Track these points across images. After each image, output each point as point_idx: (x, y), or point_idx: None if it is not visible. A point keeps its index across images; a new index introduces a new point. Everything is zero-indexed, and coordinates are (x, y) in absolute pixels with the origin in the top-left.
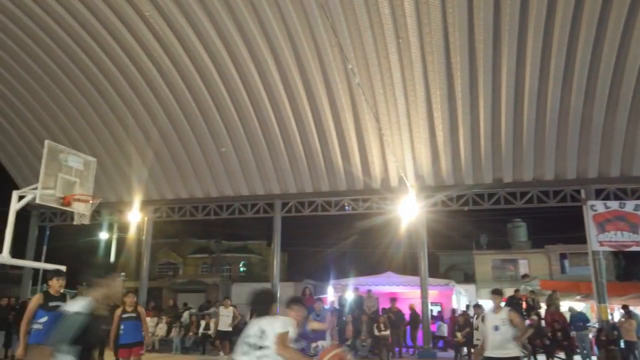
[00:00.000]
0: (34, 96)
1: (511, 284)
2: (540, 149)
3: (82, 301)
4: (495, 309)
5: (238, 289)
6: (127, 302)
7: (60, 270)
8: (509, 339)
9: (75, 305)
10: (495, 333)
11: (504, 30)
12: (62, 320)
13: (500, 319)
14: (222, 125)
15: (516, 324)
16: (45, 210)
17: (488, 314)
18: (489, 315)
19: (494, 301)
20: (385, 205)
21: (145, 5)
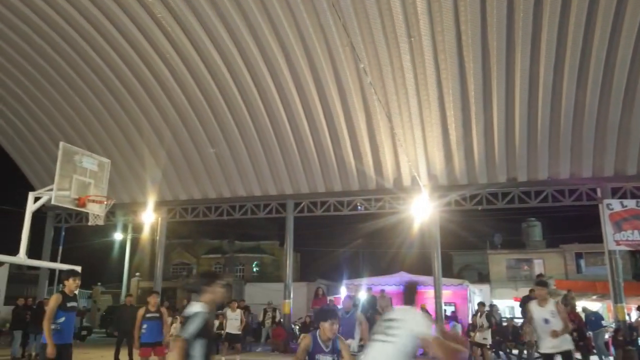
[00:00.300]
0: (49, 99)
1: (526, 284)
2: (555, 147)
3: (198, 305)
4: (540, 301)
5: (251, 289)
6: (150, 302)
7: (77, 271)
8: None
9: (195, 307)
10: (545, 326)
11: (517, 27)
12: (189, 318)
13: (549, 312)
14: (235, 126)
15: (562, 317)
16: (60, 211)
17: (533, 307)
18: (535, 308)
19: (538, 293)
20: (398, 205)
21: (158, 7)
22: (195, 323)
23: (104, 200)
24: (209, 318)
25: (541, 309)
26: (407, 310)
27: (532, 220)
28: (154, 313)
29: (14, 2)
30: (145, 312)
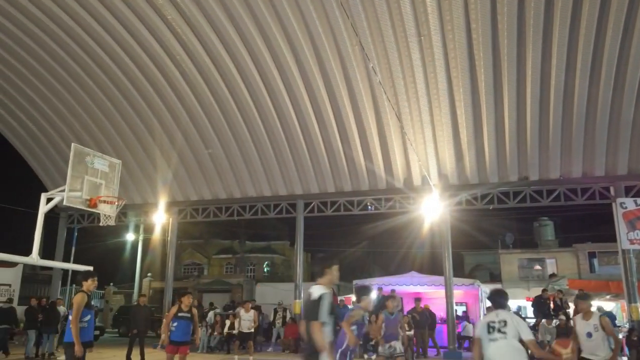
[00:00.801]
0: (61, 100)
1: (538, 284)
2: (567, 146)
3: (319, 287)
4: (584, 314)
5: (262, 289)
6: (184, 302)
7: (94, 272)
8: (601, 345)
9: (317, 290)
10: (588, 340)
11: (528, 24)
12: (318, 301)
13: (592, 325)
14: (245, 126)
15: (608, 331)
16: (73, 212)
17: (578, 320)
18: (579, 321)
19: (581, 307)
20: (408, 205)
21: (167, 9)
22: (325, 305)
23: (115, 201)
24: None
25: (585, 323)
26: (512, 314)
27: (544, 219)
28: (185, 313)
29: (25, 5)
30: (177, 311)
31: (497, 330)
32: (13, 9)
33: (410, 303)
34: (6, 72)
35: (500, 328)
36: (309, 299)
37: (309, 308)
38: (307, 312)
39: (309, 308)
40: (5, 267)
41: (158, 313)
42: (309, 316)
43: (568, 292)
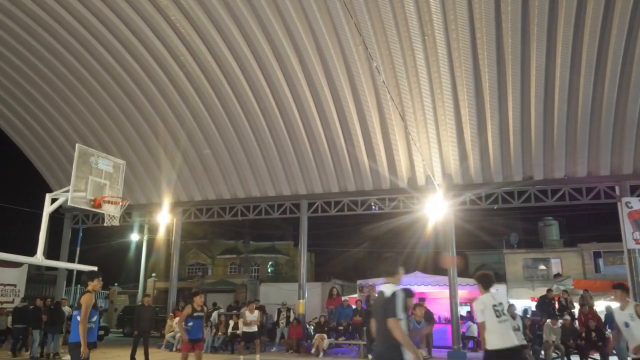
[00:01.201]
0: (66, 101)
1: (543, 284)
2: (572, 145)
3: (390, 285)
4: (621, 304)
5: (266, 289)
6: (196, 301)
7: (99, 272)
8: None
9: (389, 288)
10: (626, 330)
11: (532, 23)
12: (392, 298)
13: (628, 315)
14: (248, 126)
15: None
16: (78, 212)
17: (615, 311)
18: (616, 312)
19: (617, 296)
20: (412, 205)
21: (171, 10)
22: (399, 302)
23: (119, 201)
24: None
25: (621, 313)
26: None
27: (549, 219)
28: (199, 312)
29: (30, 7)
30: (192, 311)
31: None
32: (17, 9)
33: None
34: (11, 72)
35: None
36: (382, 297)
37: (384, 306)
38: (383, 310)
39: (384, 306)
40: (10, 267)
41: (162, 313)
42: (385, 314)
43: (573, 292)
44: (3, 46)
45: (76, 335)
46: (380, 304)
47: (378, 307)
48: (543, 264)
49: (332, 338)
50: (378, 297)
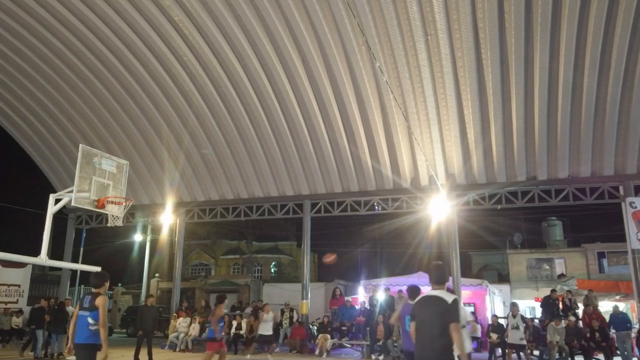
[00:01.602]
0: (70, 102)
1: (547, 284)
2: (576, 145)
3: (443, 292)
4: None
5: (269, 289)
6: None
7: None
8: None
9: (446, 295)
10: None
11: (535, 22)
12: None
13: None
14: (251, 127)
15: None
16: (81, 213)
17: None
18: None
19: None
20: (415, 205)
21: (174, 10)
22: (460, 309)
23: (123, 202)
24: None
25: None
26: None
27: (552, 219)
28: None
29: (34, 8)
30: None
31: None
32: (21, 10)
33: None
34: (14, 73)
35: None
36: (439, 302)
37: (446, 312)
38: (443, 315)
39: (446, 312)
40: (14, 267)
41: (166, 313)
42: (449, 319)
43: (577, 292)
44: (7, 47)
45: (86, 337)
46: (438, 309)
47: (433, 312)
48: (547, 264)
49: (335, 338)
50: (430, 302)
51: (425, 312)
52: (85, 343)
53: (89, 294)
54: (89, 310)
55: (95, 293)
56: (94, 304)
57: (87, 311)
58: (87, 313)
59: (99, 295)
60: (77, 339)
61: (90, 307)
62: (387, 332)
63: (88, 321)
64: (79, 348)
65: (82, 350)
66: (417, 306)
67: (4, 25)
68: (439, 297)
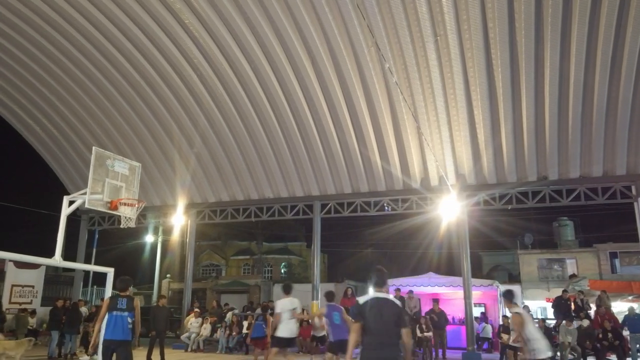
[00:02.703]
0: (82, 105)
1: (558, 285)
2: (587, 144)
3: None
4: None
5: (279, 290)
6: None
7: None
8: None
9: (392, 298)
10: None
11: (546, 22)
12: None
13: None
14: (262, 129)
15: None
16: (94, 214)
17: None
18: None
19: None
20: (425, 205)
21: (185, 13)
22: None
23: (135, 203)
24: None
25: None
26: None
27: (563, 219)
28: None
29: (46, 12)
30: None
31: None
32: (33, 14)
33: (428, 304)
34: (28, 77)
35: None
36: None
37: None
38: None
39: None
40: (29, 268)
41: (177, 314)
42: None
43: (589, 293)
44: (21, 52)
45: (127, 334)
46: (394, 312)
47: (389, 314)
48: (558, 265)
49: None
50: (383, 304)
51: (380, 314)
52: (125, 340)
53: (121, 297)
54: (127, 310)
55: (129, 296)
56: (131, 305)
57: (125, 312)
58: (126, 313)
59: (133, 298)
60: (116, 336)
61: (127, 308)
62: None
63: (128, 320)
64: (120, 344)
65: (125, 345)
66: (368, 307)
67: (19, 30)
68: (391, 300)
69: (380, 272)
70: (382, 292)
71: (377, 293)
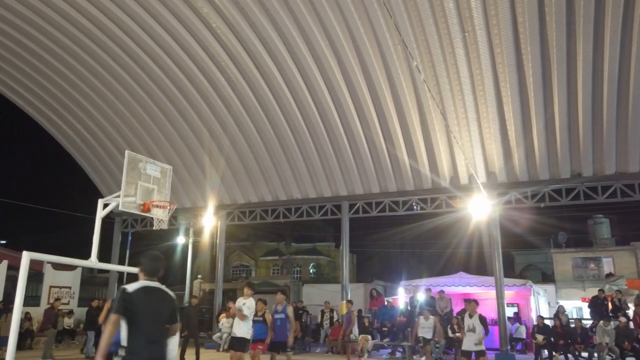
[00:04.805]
0: (114, 110)
1: (595, 284)
2: (622, 140)
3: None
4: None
5: (308, 290)
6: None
7: None
8: None
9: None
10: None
11: (578, 14)
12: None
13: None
14: (289, 130)
15: None
16: (127, 217)
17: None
18: None
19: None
20: (455, 204)
21: (212, 17)
22: None
23: (167, 205)
24: None
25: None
26: None
27: (598, 217)
28: (258, 317)
29: (80, 20)
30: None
31: None
32: (68, 24)
33: (460, 304)
34: (64, 85)
35: None
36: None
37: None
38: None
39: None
40: (66, 270)
41: (208, 314)
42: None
43: (627, 292)
44: (55, 59)
45: None
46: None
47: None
48: (594, 264)
49: (376, 339)
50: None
51: (152, 307)
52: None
53: None
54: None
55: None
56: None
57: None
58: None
59: None
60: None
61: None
62: None
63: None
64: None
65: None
66: (137, 298)
67: (53, 38)
68: (164, 291)
69: (155, 258)
70: (154, 281)
71: (148, 282)
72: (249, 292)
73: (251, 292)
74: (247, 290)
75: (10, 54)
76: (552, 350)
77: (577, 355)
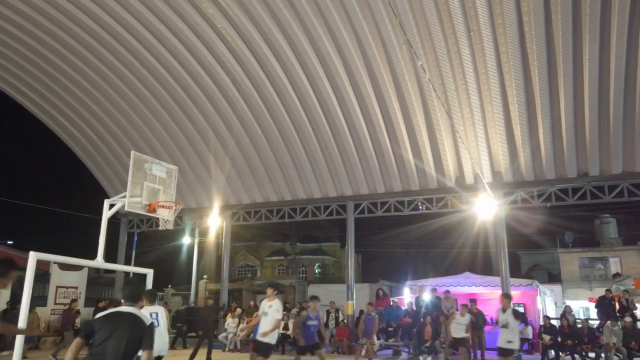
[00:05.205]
0: (120, 111)
1: (601, 284)
2: (630, 138)
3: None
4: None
5: (314, 290)
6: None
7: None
8: None
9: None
10: None
11: (584, 13)
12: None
13: None
14: (294, 130)
15: None
16: (133, 217)
17: None
18: None
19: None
20: (460, 204)
21: (217, 18)
22: None
23: (173, 206)
24: None
25: None
26: None
27: (605, 216)
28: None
29: (86, 22)
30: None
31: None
32: (75, 26)
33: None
34: (69, 85)
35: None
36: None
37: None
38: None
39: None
40: (72, 270)
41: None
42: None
43: (634, 292)
44: (61, 60)
45: None
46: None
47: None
48: (601, 264)
49: (382, 339)
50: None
51: (111, 334)
52: None
53: None
54: None
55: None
56: None
57: None
58: None
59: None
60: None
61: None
62: (435, 333)
63: None
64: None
65: None
66: (99, 325)
67: (58, 39)
68: (135, 316)
69: (131, 283)
70: (130, 306)
71: (122, 307)
72: (273, 293)
73: (275, 293)
74: (271, 291)
75: (17, 54)
76: (558, 350)
77: (584, 355)
